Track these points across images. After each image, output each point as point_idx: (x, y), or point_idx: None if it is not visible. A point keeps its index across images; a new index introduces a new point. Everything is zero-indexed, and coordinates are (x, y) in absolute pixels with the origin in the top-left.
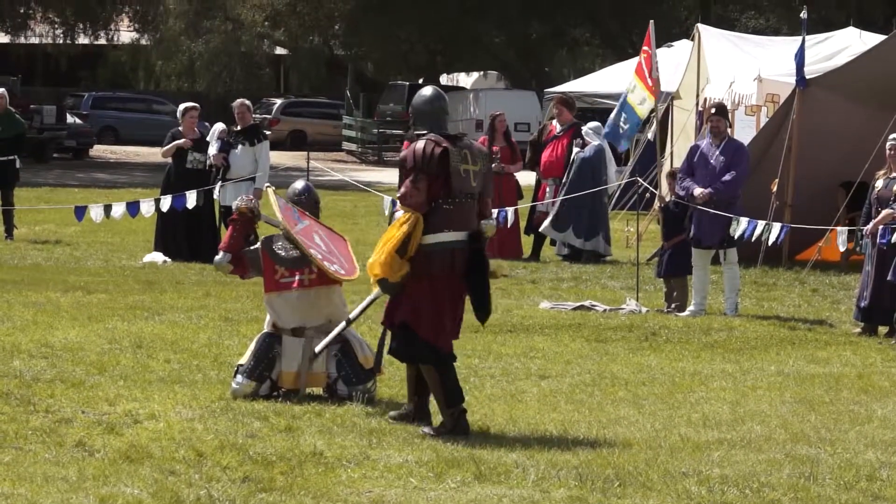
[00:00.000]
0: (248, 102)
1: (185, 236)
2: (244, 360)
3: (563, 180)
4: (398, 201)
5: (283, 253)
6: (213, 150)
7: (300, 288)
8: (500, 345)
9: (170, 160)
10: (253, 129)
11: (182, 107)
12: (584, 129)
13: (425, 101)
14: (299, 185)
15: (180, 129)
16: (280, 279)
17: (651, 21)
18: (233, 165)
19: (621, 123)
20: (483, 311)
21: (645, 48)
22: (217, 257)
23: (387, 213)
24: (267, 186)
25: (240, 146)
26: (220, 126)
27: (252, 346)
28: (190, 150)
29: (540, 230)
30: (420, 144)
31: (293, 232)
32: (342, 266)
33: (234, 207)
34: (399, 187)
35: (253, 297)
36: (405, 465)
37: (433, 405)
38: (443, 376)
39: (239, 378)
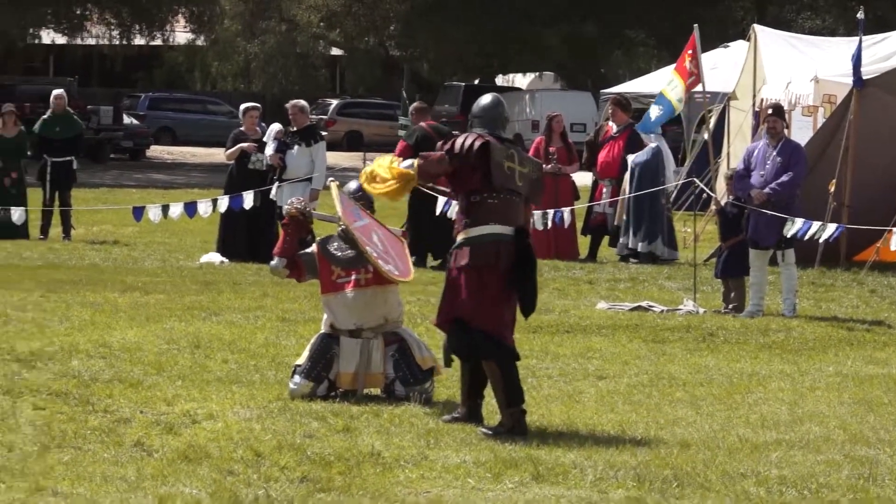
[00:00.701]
0: (302, 103)
1: (245, 237)
2: (301, 360)
3: (627, 190)
4: (417, 158)
5: (338, 253)
6: (269, 150)
7: (356, 287)
8: (557, 345)
9: (232, 162)
10: (309, 129)
11: (243, 106)
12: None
13: (482, 108)
14: (353, 185)
15: (242, 129)
16: (336, 279)
17: (696, 25)
18: (289, 166)
19: (655, 111)
20: (527, 306)
21: (689, 51)
22: (272, 262)
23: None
24: (331, 180)
25: (296, 147)
26: (276, 126)
27: (309, 347)
28: (254, 151)
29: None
30: (462, 136)
31: (352, 227)
32: (397, 267)
33: (284, 212)
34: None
35: (310, 297)
36: (463, 465)
37: (486, 408)
38: (505, 374)
39: (296, 378)
